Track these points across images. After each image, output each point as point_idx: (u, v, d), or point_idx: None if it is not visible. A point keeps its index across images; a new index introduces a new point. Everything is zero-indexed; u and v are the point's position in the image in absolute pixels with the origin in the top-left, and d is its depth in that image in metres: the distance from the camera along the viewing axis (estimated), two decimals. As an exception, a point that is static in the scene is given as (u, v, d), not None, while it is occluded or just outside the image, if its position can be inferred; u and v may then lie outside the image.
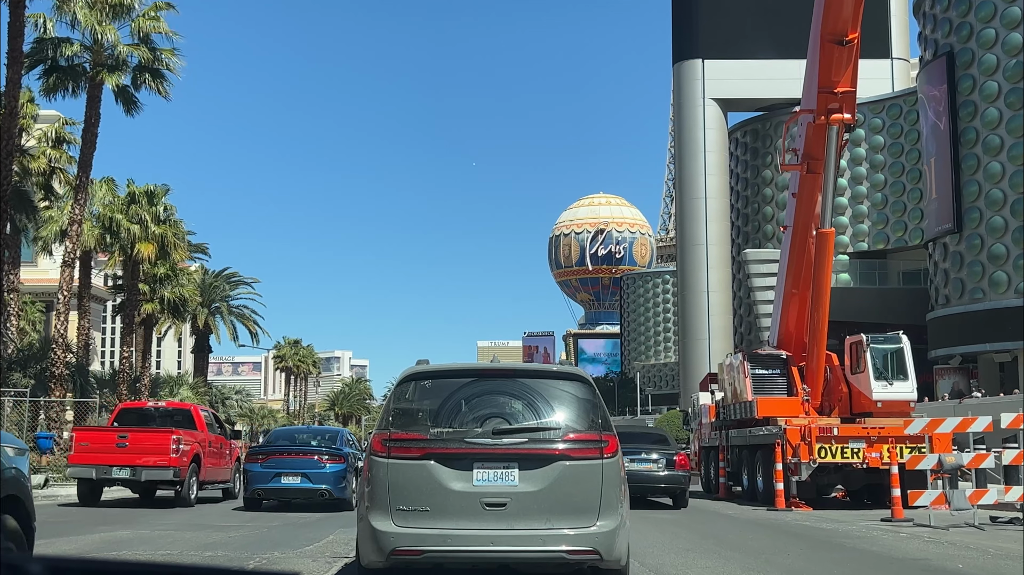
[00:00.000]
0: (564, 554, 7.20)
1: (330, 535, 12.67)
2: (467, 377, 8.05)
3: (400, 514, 7.28)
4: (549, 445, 7.40)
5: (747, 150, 74.59)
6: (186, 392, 51.22)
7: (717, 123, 71.86)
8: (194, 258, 46.95)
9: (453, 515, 7.24)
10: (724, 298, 71.03)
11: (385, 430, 7.55)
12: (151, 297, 40.52)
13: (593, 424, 7.57)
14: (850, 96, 21.56)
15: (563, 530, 7.22)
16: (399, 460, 7.38)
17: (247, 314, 58.48)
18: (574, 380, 7.89)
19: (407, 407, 7.80)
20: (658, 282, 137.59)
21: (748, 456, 23.27)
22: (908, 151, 66.74)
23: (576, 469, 7.36)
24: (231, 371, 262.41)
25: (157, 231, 36.48)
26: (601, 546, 7.22)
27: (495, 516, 7.24)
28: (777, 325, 24.85)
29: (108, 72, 27.35)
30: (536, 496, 7.25)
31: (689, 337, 71.58)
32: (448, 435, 7.43)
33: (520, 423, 7.56)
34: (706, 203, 70.62)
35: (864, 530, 14.84)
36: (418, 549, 7.23)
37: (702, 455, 28.25)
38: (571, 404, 7.71)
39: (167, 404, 23.36)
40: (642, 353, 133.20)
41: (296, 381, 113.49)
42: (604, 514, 7.29)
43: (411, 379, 7.92)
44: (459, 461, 7.32)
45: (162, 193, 37.49)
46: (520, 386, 7.87)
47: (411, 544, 7.23)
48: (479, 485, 7.28)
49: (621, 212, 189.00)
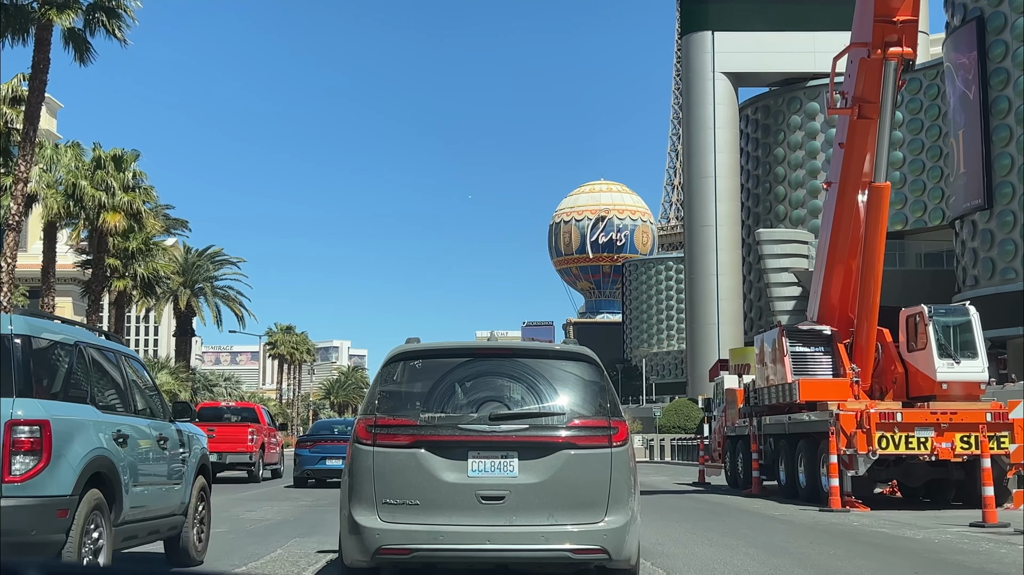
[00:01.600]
0: (569, 553, 6.59)
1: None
2: (462, 357, 7.23)
3: (387, 508, 6.61)
4: (552, 432, 6.74)
5: (758, 127, 71.39)
6: (165, 377, 48.07)
7: (727, 98, 68.64)
8: (173, 234, 43.75)
9: (446, 509, 6.60)
10: (734, 282, 67.91)
11: (371, 415, 6.81)
12: (123, 273, 37.33)
13: (601, 409, 6.86)
14: (912, 26, 18.39)
15: (567, 526, 6.60)
16: (386, 448, 6.68)
17: (232, 295, 55.31)
18: (580, 360, 7.06)
19: (395, 390, 7.00)
20: (661, 268, 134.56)
21: (787, 446, 20.15)
22: (928, 127, 63.58)
23: (582, 459, 6.69)
24: (229, 360, 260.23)
25: (125, 199, 33.29)
26: (610, 544, 6.57)
27: (492, 511, 6.61)
28: (818, 298, 21.69)
29: (58, 11, 24.20)
30: (538, 488, 6.61)
31: (697, 322, 68.44)
32: (440, 421, 6.74)
33: (520, 408, 6.84)
34: (715, 182, 67.42)
35: (965, 540, 11.72)
36: (406, 547, 6.57)
37: (727, 445, 25.15)
38: (577, 387, 6.98)
39: (236, 403, 30.75)
40: (644, 341, 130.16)
41: (290, 369, 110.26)
42: (613, 509, 6.65)
43: (400, 359, 7.10)
44: (452, 449, 6.66)
45: (131, 158, 34.30)
46: (520, 367, 7.08)
47: (399, 542, 6.56)
48: (474, 476, 6.64)
49: (622, 199, 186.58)
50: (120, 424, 7.26)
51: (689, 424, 60.21)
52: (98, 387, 7.21)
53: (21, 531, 5.98)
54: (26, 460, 6.09)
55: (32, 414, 6.17)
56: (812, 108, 67.61)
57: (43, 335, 6.73)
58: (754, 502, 19.40)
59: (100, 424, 6.91)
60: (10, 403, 6.13)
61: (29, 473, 6.10)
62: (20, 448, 6.08)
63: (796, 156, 67.99)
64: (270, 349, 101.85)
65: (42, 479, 6.15)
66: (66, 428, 6.41)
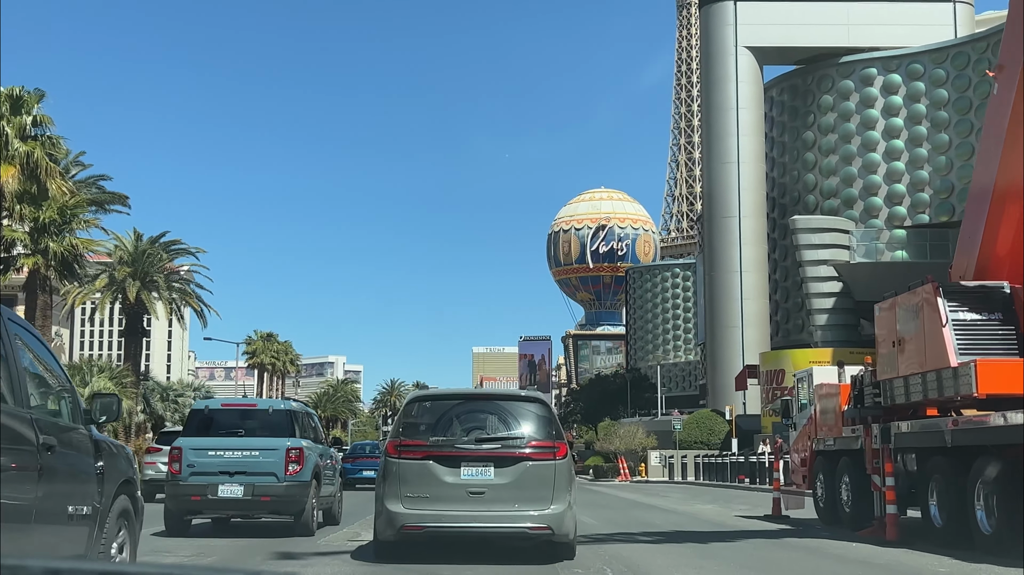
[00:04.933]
0: (527, 529, 10.06)
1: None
2: (457, 400, 11.33)
3: (407, 500, 9.97)
4: (516, 449, 10.18)
5: (784, 109, 64.31)
6: (103, 382, 40.76)
7: (751, 75, 61.58)
8: (108, 210, 36.52)
9: (446, 501, 9.95)
10: (759, 279, 60.61)
11: (397, 438, 10.37)
12: (33, 249, 30.07)
13: (549, 435, 10.34)
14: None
15: (526, 511, 9.96)
16: (407, 460, 10.09)
17: (190, 290, 47.95)
18: (535, 402, 10.83)
19: (413, 422, 10.58)
20: (667, 275, 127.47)
21: (950, 468, 12.93)
22: (978, 106, 56.34)
23: (536, 468, 10.10)
24: (224, 375, 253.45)
25: (23, 149, 26.07)
26: (553, 524, 9.97)
27: (477, 501, 9.95)
28: (975, 247, 14.47)
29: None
30: (507, 487, 9.98)
31: (718, 324, 61.09)
32: (442, 442, 10.20)
33: (495, 434, 10.36)
34: (739, 168, 60.23)
35: None
36: (421, 526, 9.95)
37: (816, 464, 17.95)
38: (532, 420, 10.47)
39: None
40: (649, 352, 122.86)
41: (273, 380, 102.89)
42: (556, 501, 10.00)
43: (416, 401, 11.08)
44: (450, 461, 10.05)
45: (34, 100, 27.16)
46: (496, 406, 10.85)
47: (415, 522, 9.94)
48: (465, 478, 10.01)
49: (624, 207, 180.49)
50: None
51: (713, 439, 52.97)
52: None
53: None
54: None
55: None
56: (846, 87, 60.52)
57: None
58: (903, 555, 12.17)
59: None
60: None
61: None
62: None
63: (828, 140, 60.84)
64: (249, 358, 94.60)
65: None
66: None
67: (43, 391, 6.27)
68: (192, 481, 13.70)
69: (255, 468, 13.70)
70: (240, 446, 13.99)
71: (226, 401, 16.57)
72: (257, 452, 13.86)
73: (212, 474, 13.67)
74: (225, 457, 13.83)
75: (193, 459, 13.86)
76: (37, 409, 5.81)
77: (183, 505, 13.83)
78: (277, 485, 13.62)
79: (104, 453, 6.58)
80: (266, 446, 13.89)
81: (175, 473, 13.85)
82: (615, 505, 25.28)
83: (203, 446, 14.00)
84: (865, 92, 59.84)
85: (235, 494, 13.60)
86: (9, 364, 5.43)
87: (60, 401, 6.43)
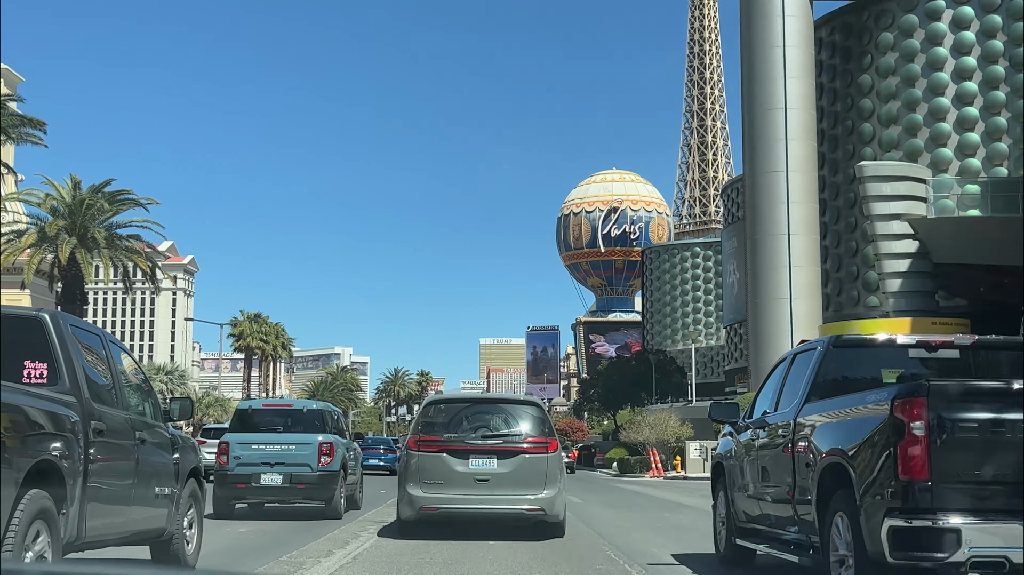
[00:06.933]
0: (523, 510, 12.50)
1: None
2: (466, 403, 14.56)
3: (425, 485, 12.45)
4: (515, 444, 12.68)
5: (836, 51, 56.17)
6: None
7: (800, 9, 53.35)
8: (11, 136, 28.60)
9: (457, 486, 12.42)
10: (810, 243, 52.44)
11: (416, 435, 12.93)
12: None
13: (542, 432, 12.91)
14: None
15: (523, 495, 12.43)
16: (425, 453, 12.60)
17: (137, 248, 39.98)
18: (532, 406, 13.47)
19: (430, 421, 13.13)
20: (686, 255, 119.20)
21: None
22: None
23: (531, 459, 12.61)
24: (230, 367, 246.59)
25: None
26: (545, 506, 12.42)
27: (483, 487, 12.42)
28: None
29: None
30: (507, 475, 12.46)
31: (762, 295, 52.92)
32: (454, 438, 12.71)
33: (498, 431, 12.90)
34: (786, 115, 52.04)
35: None
36: (437, 507, 12.41)
37: None
38: (529, 420, 13.05)
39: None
40: (668, 337, 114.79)
41: (263, 365, 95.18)
42: (548, 486, 12.49)
43: (432, 403, 13.76)
44: (461, 453, 12.54)
45: None
46: (499, 408, 13.61)
47: (432, 503, 12.39)
48: (473, 468, 12.46)
49: (636, 189, 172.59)
50: None
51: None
52: None
53: None
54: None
55: None
56: (909, 23, 52.28)
57: None
58: None
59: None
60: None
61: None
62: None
63: (888, 85, 52.66)
64: (236, 341, 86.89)
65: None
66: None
67: (133, 395, 8.21)
68: (239, 471, 15.81)
69: (292, 460, 15.86)
70: (279, 441, 16.23)
71: (267, 402, 19.82)
72: (294, 446, 16.08)
73: (256, 464, 15.80)
74: (266, 450, 16.02)
75: (239, 452, 15.95)
76: (132, 410, 7.90)
77: (231, 492, 15.92)
78: (311, 474, 15.81)
79: (178, 446, 8.82)
80: (301, 441, 16.14)
81: (223, 464, 15.89)
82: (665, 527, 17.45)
83: (247, 441, 16.20)
84: (932, 28, 51.59)
85: (275, 482, 15.78)
86: (115, 375, 7.71)
87: (145, 403, 8.45)
